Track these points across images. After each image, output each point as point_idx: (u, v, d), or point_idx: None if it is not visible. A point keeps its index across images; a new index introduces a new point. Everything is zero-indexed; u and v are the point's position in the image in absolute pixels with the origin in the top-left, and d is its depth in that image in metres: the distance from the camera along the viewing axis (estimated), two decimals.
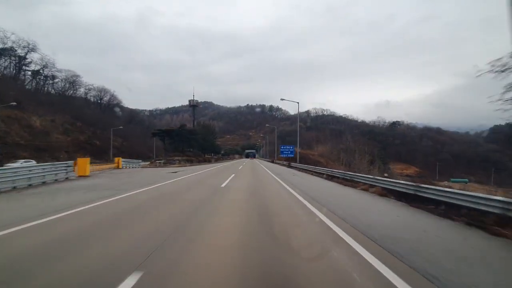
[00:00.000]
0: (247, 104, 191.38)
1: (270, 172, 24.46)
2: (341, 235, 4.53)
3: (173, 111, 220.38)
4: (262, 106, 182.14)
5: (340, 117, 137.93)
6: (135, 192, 9.81)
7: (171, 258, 3.39)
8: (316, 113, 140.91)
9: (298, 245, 3.95)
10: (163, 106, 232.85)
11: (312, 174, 22.36)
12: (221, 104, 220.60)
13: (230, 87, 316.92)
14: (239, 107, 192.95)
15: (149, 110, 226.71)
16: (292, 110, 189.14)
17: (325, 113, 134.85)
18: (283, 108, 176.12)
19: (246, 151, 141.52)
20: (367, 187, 10.83)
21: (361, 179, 12.24)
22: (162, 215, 6.19)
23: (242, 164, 41.88)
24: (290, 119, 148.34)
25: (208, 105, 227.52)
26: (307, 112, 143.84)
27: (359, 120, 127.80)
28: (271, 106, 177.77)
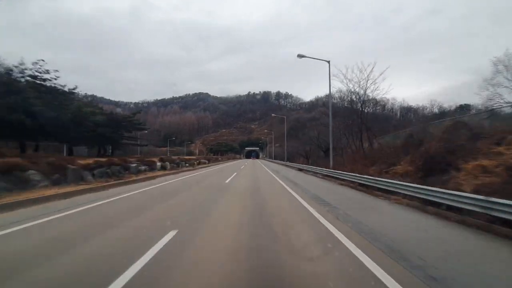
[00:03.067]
0: (249, 92, 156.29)
1: None
2: None
3: (162, 103, 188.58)
4: (267, 94, 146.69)
5: (377, 100, 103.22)
6: None
7: None
8: (341, 97, 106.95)
9: None
10: (151, 98, 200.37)
11: None
12: (218, 95, 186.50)
13: (230, 85, 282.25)
14: (239, 97, 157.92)
15: (135, 103, 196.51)
16: (307, 96, 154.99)
17: (354, 97, 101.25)
18: (294, 95, 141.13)
19: (247, 149, 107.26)
20: None
21: None
22: None
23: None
24: (303, 107, 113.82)
25: (203, 96, 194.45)
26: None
27: (406, 105, 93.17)
28: (278, 93, 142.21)
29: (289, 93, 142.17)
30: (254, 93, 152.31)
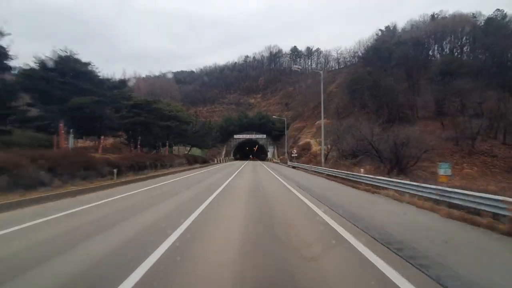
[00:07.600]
0: (247, 57, 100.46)
1: None
2: None
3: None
4: (275, 54, 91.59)
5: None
6: None
7: None
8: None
9: None
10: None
11: None
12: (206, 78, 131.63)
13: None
14: (233, 64, 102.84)
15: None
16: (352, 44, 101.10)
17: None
18: (321, 48, 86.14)
19: (238, 136, 54.49)
20: None
21: None
22: None
23: None
24: (349, 67, 60.88)
25: (186, 74, 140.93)
26: (394, 27, 53.93)
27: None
28: (294, 50, 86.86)
29: (313, 48, 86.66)
30: (254, 56, 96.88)
